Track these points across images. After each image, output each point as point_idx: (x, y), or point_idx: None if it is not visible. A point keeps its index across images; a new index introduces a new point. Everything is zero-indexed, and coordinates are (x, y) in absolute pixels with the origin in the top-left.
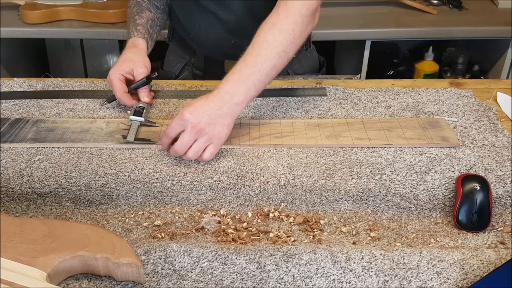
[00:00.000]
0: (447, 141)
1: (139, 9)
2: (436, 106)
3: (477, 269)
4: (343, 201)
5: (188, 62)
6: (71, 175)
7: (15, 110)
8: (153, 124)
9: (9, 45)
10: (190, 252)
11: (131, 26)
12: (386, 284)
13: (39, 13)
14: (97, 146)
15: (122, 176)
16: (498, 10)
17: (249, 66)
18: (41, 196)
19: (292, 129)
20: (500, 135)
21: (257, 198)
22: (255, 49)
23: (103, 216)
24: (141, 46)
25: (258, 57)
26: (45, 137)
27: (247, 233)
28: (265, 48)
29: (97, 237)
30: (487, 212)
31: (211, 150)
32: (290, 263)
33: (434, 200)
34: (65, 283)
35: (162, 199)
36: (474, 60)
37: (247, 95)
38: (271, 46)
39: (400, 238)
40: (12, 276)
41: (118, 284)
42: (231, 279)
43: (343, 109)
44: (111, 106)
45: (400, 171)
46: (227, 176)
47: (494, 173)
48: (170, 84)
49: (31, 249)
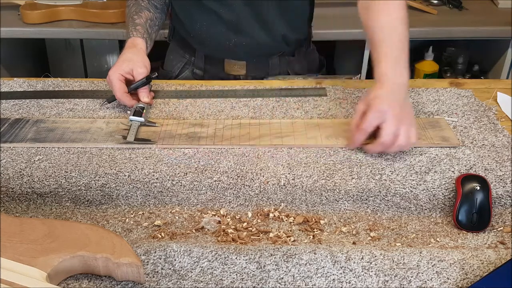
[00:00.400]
0: (447, 141)
1: (138, 9)
2: (436, 106)
3: (477, 269)
4: (343, 201)
5: (188, 61)
6: (71, 175)
7: (15, 110)
8: (153, 124)
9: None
10: (190, 252)
11: (130, 26)
12: (386, 284)
13: (39, 13)
14: (97, 146)
15: (122, 176)
16: (498, 10)
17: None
18: (41, 196)
19: (292, 129)
20: (500, 135)
21: (257, 198)
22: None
23: (103, 216)
24: (140, 46)
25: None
26: (45, 137)
27: (247, 233)
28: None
29: (97, 237)
30: (487, 212)
31: (414, 132)
32: (290, 263)
33: (434, 200)
34: (65, 283)
35: (162, 199)
36: (474, 60)
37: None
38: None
39: (400, 238)
40: (12, 276)
41: (118, 284)
42: (231, 279)
43: (343, 109)
44: (111, 106)
45: (400, 171)
46: (227, 176)
47: (494, 173)
48: (170, 84)
49: (31, 249)
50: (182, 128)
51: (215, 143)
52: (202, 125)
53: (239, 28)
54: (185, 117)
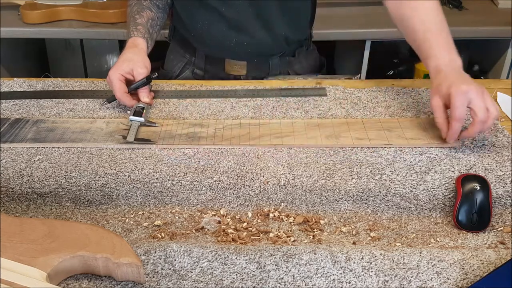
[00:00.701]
0: (447, 141)
1: (140, 8)
2: None
3: (477, 269)
4: (343, 201)
5: (189, 61)
6: (71, 175)
7: (15, 110)
8: (153, 124)
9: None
10: (190, 252)
11: (131, 26)
12: (386, 284)
13: (39, 13)
14: (97, 146)
15: (122, 176)
16: (498, 10)
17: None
18: (41, 196)
19: (292, 129)
20: (500, 135)
21: (257, 198)
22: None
23: (103, 216)
24: (141, 46)
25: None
26: (45, 137)
27: (247, 233)
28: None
29: (97, 237)
30: (487, 212)
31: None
32: (290, 263)
33: (434, 200)
34: (65, 283)
35: (162, 199)
36: (474, 60)
37: (456, 56)
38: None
39: (400, 238)
40: (12, 276)
41: (118, 284)
42: (231, 279)
43: (343, 109)
44: (111, 106)
45: (400, 171)
46: (227, 176)
47: (494, 173)
48: (170, 84)
49: (31, 249)
50: (182, 128)
51: (215, 143)
52: (202, 125)
53: (240, 27)
54: (185, 117)
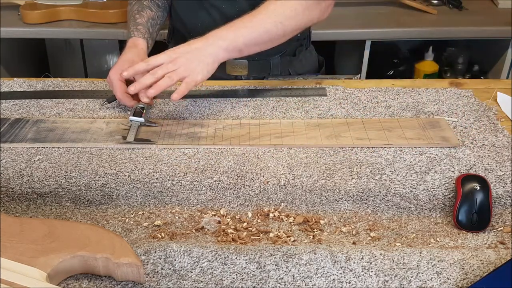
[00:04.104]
0: (447, 141)
1: (140, 8)
2: (436, 106)
3: (477, 269)
4: (343, 201)
5: None
6: (71, 175)
7: (15, 110)
8: (153, 125)
9: (9, 45)
10: (190, 252)
11: (132, 26)
12: (386, 284)
13: (39, 13)
14: (97, 146)
15: (122, 176)
16: (498, 10)
17: (243, 21)
18: (41, 196)
19: (292, 129)
20: (500, 135)
21: (257, 198)
22: (254, 12)
23: (103, 216)
24: (141, 46)
25: (254, 18)
26: (45, 137)
27: (247, 233)
28: (263, 13)
29: (97, 237)
30: (487, 212)
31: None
32: (290, 263)
33: (434, 200)
34: (65, 283)
35: (162, 199)
36: (474, 60)
37: (233, 42)
38: (269, 13)
39: (400, 238)
40: (12, 276)
41: (118, 284)
42: (231, 279)
43: (343, 109)
44: (111, 106)
45: (400, 171)
46: (227, 176)
47: (494, 173)
48: None
49: (31, 249)
50: (182, 128)
51: (215, 143)
52: (202, 125)
53: None
54: (185, 117)
